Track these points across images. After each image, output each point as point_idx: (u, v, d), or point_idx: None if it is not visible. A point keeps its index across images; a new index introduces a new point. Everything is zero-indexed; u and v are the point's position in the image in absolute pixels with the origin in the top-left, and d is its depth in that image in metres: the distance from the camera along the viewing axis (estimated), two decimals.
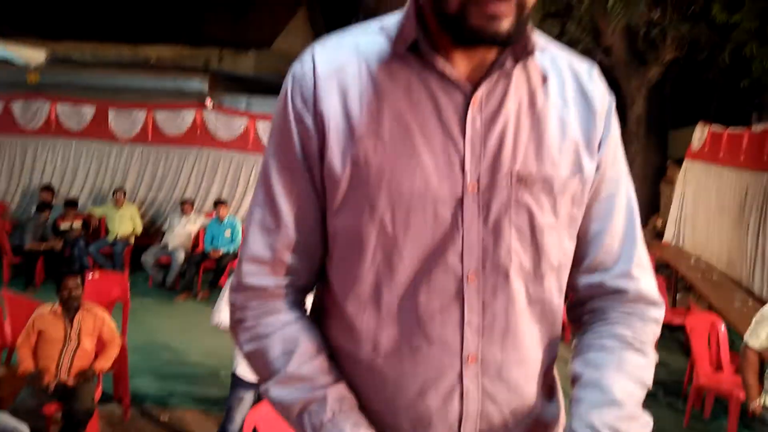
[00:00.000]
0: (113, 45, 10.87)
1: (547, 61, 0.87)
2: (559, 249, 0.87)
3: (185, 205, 7.52)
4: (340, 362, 0.88)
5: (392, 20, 0.86)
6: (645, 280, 0.92)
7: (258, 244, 0.86)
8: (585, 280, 0.92)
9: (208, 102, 8.91)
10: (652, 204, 8.95)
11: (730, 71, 8.07)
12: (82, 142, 8.48)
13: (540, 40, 0.86)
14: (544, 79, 0.86)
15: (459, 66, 0.82)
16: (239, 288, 0.88)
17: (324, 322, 0.91)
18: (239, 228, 7.26)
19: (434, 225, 0.81)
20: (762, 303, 5.00)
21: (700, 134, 7.44)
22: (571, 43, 8.39)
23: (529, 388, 0.88)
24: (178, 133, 8.42)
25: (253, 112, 8.82)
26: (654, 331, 0.92)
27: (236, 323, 0.90)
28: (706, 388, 4.00)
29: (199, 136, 8.40)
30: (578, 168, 0.85)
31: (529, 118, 0.84)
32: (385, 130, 0.81)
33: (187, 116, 8.41)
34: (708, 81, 9.18)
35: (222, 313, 3.26)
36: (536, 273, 0.85)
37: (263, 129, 8.31)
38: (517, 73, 0.83)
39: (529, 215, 0.83)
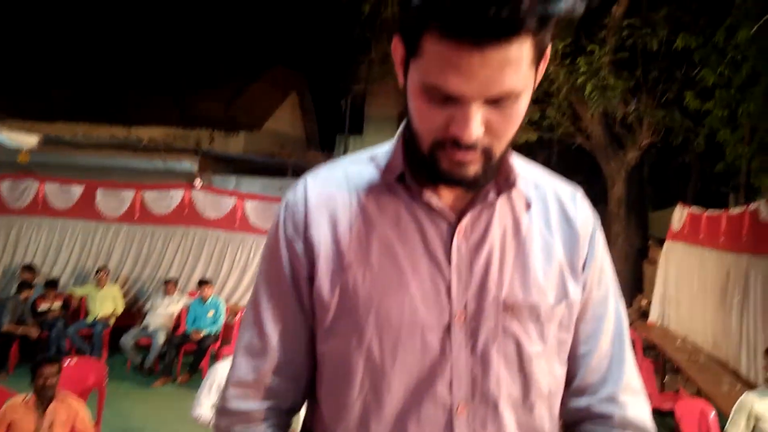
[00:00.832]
0: (106, 126, 11.12)
1: (531, 187, 0.90)
2: (549, 376, 0.86)
3: (169, 285, 7.43)
4: None
5: (382, 151, 0.91)
6: (633, 406, 0.90)
7: (243, 368, 0.88)
8: (573, 403, 0.92)
9: (197, 182, 9.02)
10: (636, 284, 8.98)
11: (706, 155, 8.37)
12: (67, 221, 8.48)
13: (523, 169, 0.90)
14: (528, 206, 0.88)
15: (444, 196, 0.85)
16: (224, 412, 0.89)
17: None
18: (223, 309, 7.16)
19: (422, 353, 0.81)
20: (750, 386, 4.95)
21: (679, 216, 7.59)
22: (552, 128, 8.70)
23: None
24: (165, 212, 8.46)
25: (242, 192, 8.92)
26: None
27: None
28: None
29: (186, 215, 8.44)
30: (564, 293, 0.86)
31: (514, 246, 0.86)
32: (374, 258, 0.83)
33: (176, 195, 8.49)
34: (685, 164, 9.49)
35: (203, 408, 3.17)
36: (525, 402, 0.85)
37: (251, 208, 8.38)
38: (501, 201, 0.86)
39: (517, 344, 0.83)
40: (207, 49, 13.14)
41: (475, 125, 0.72)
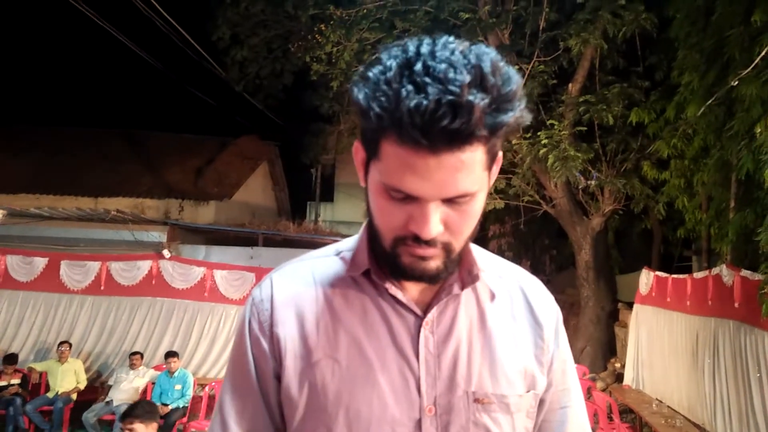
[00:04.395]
0: (72, 198, 10.98)
1: (495, 279, 0.93)
2: None
3: (134, 358, 7.18)
4: None
5: (348, 245, 0.94)
6: None
7: None
8: None
9: (166, 252, 8.89)
10: (610, 346, 9.06)
11: (667, 220, 8.68)
12: (30, 294, 8.21)
13: (486, 261, 0.94)
14: (493, 297, 0.91)
15: (410, 290, 0.86)
16: None
17: None
18: (191, 382, 6.92)
19: None
20: None
21: (645, 279, 7.78)
22: (518, 196, 8.96)
23: None
24: (132, 283, 8.28)
25: (211, 261, 8.82)
26: None
27: None
28: None
29: (154, 285, 8.27)
30: (532, 384, 0.89)
31: (481, 337, 0.87)
32: (342, 353, 0.83)
33: (143, 266, 8.34)
34: (647, 230, 9.81)
35: None
36: None
37: (221, 278, 8.27)
38: (466, 294, 0.89)
39: None
40: (176, 119, 13.29)
41: (434, 223, 0.74)
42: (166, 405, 6.56)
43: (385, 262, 0.83)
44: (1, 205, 9.46)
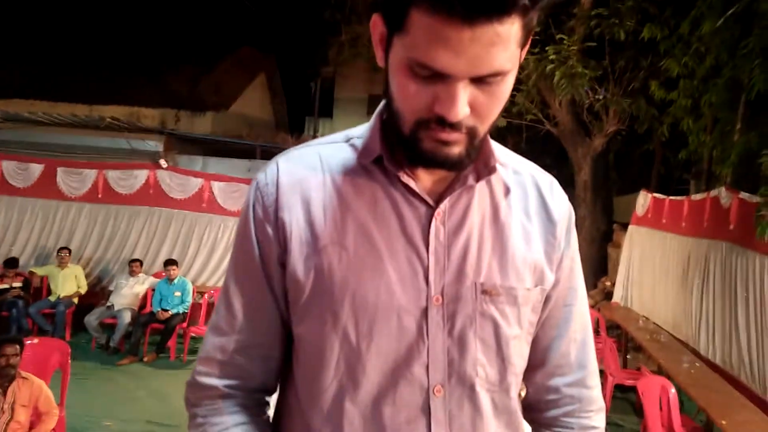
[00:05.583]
0: (68, 104, 10.76)
1: (510, 174, 0.90)
2: (522, 358, 0.89)
3: (133, 265, 7.30)
4: None
5: (358, 132, 0.89)
6: (597, 389, 0.97)
7: (210, 345, 0.88)
8: (543, 383, 0.95)
9: (163, 162, 8.83)
10: (601, 266, 9.22)
11: (669, 143, 8.59)
12: (27, 200, 8.21)
13: (502, 154, 0.90)
14: (507, 192, 0.88)
15: (422, 180, 0.84)
16: (193, 385, 0.90)
17: (287, 425, 0.90)
18: (190, 289, 7.07)
19: (399, 336, 0.81)
20: (709, 364, 5.15)
21: (643, 201, 7.80)
22: (521, 114, 8.81)
23: None
24: (129, 192, 8.27)
25: (209, 173, 8.78)
26: None
27: (189, 418, 0.90)
28: None
29: (151, 195, 8.27)
30: (540, 279, 0.88)
31: (493, 231, 0.85)
32: (350, 240, 0.81)
33: (140, 176, 8.30)
34: (649, 152, 9.73)
35: None
36: (502, 384, 0.86)
37: (219, 189, 8.26)
38: (480, 186, 0.86)
39: (495, 327, 0.84)
40: (174, 27, 12.82)
41: (462, 104, 0.70)
42: (167, 311, 6.73)
43: (403, 148, 0.79)
44: None
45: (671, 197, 7.07)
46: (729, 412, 3.83)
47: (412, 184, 0.82)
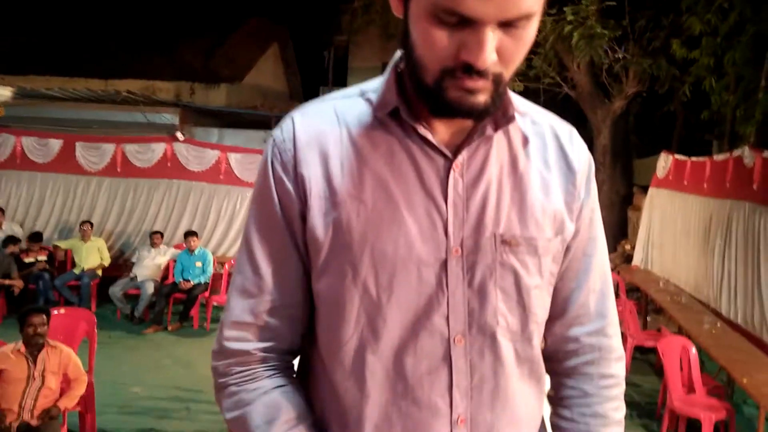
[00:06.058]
0: (81, 79, 10.81)
1: (528, 124, 0.88)
2: (543, 307, 0.88)
3: (154, 237, 7.39)
4: (328, 429, 0.86)
5: (373, 85, 0.87)
6: (617, 338, 0.96)
7: (239, 309, 0.86)
8: (563, 334, 0.94)
9: (179, 134, 8.86)
10: (621, 229, 9.15)
11: (691, 103, 8.40)
12: (48, 175, 8.31)
13: (520, 104, 0.88)
14: (526, 142, 0.87)
15: (439, 132, 0.82)
16: (221, 353, 0.87)
17: (311, 385, 0.90)
18: (210, 259, 7.16)
19: (418, 288, 0.81)
20: (730, 324, 5.12)
21: (664, 163, 7.68)
22: (538, 77, 8.65)
23: None
24: (147, 165, 8.33)
25: (225, 145, 8.80)
26: (621, 392, 0.97)
27: (219, 389, 0.88)
28: (679, 411, 4.04)
29: (169, 168, 8.32)
30: (560, 229, 0.87)
31: (511, 181, 0.85)
32: (368, 194, 0.81)
33: (158, 149, 8.34)
34: (670, 113, 9.53)
35: None
36: (524, 333, 0.86)
37: (236, 161, 8.28)
38: (498, 137, 0.84)
39: (515, 277, 0.83)
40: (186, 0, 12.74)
41: (490, 50, 0.68)
42: (189, 281, 6.84)
43: (426, 99, 0.77)
44: (9, 84, 9.37)
45: (693, 158, 6.95)
46: (750, 370, 3.82)
47: (429, 136, 0.81)
